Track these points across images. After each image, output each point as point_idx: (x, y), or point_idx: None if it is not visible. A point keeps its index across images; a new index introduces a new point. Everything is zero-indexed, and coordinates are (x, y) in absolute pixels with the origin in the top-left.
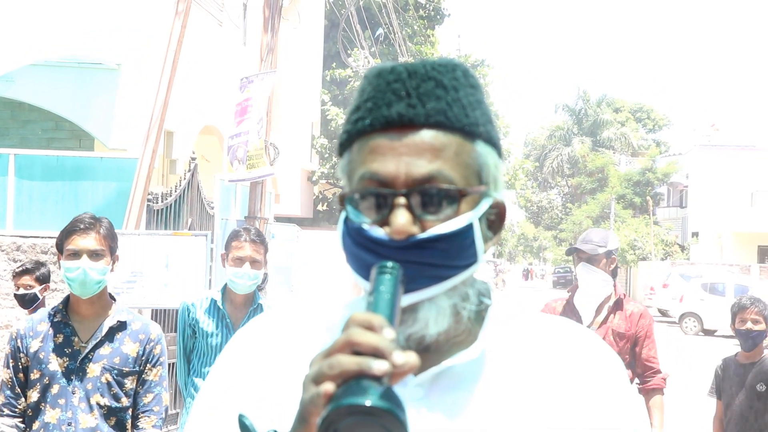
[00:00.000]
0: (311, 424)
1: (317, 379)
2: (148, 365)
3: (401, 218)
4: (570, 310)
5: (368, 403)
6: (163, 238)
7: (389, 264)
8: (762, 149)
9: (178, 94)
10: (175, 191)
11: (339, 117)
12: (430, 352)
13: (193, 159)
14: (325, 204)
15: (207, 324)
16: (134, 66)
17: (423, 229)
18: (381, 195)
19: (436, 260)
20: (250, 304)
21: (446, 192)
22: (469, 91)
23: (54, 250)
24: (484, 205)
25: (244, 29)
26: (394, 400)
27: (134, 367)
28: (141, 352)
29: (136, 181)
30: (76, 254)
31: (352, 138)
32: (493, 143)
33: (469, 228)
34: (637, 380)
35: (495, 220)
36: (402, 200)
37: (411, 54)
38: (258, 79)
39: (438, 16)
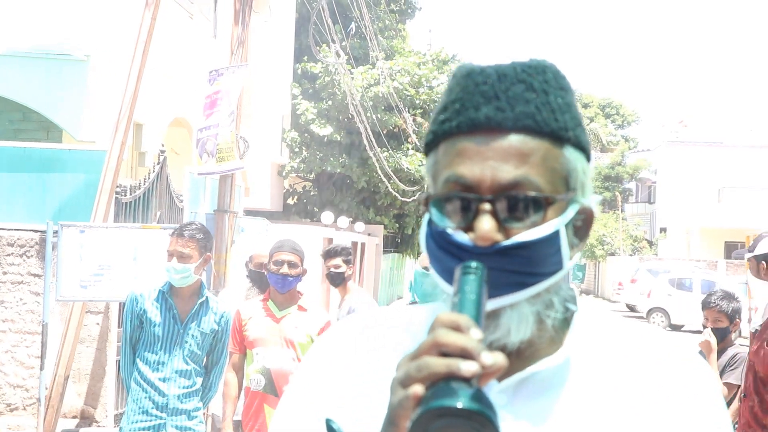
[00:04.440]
0: (401, 428)
1: (405, 381)
2: None
3: (486, 224)
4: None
5: (459, 405)
6: (132, 231)
7: (473, 264)
8: (730, 145)
9: (147, 87)
10: (144, 184)
11: (309, 111)
12: (512, 357)
13: (163, 152)
14: (295, 198)
15: (154, 314)
16: (103, 58)
17: (508, 236)
18: (466, 199)
19: (520, 267)
20: (197, 297)
21: (533, 199)
22: (559, 94)
23: (29, 243)
24: (571, 212)
25: (215, 22)
26: (485, 401)
27: None
28: None
29: (104, 174)
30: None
31: (438, 139)
32: (582, 148)
33: (555, 235)
34: None
35: (581, 226)
36: (487, 206)
37: (382, 48)
38: (228, 72)
39: (409, 10)
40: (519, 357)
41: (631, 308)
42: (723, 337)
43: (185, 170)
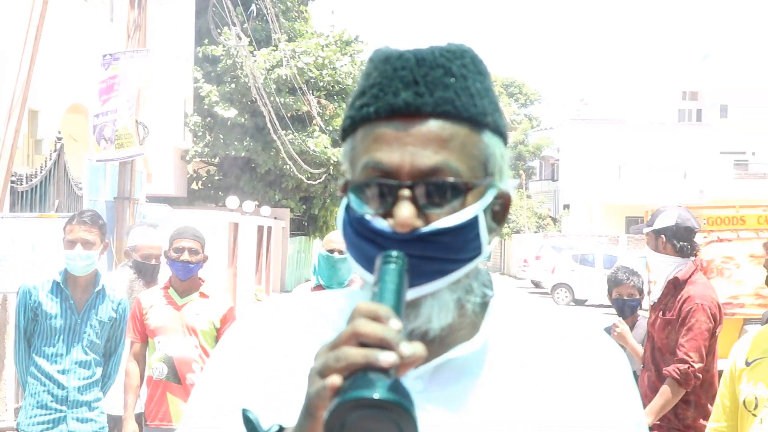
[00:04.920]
0: (318, 418)
1: (323, 371)
2: None
3: (405, 211)
4: None
5: (376, 396)
6: (29, 221)
7: (394, 253)
8: (629, 123)
9: (42, 72)
10: (41, 172)
11: (212, 94)
12: (431, 343)
13: (60, 139)
14: (200, 182)
15: (50, 306)
16: None
17: (427, 222)
18: (385, 185)
19: (439, 254)
20: (94, 286)
21: (452, 185)
22: (478, 79)
23: None
24: (489, 197)
25: (111, 5)
26: (403, 392)
27: None
28: None
29: None
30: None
31: (356, 124)
32: (500, 132)
33: (474, 221)
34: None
35: (499, 210)
36: (406, 192)
37: (284, 30)
38: (126, 57)
39: None
40: (439, 342)
41: (537, 284)
42: (634, 311)
43: (84, 157)
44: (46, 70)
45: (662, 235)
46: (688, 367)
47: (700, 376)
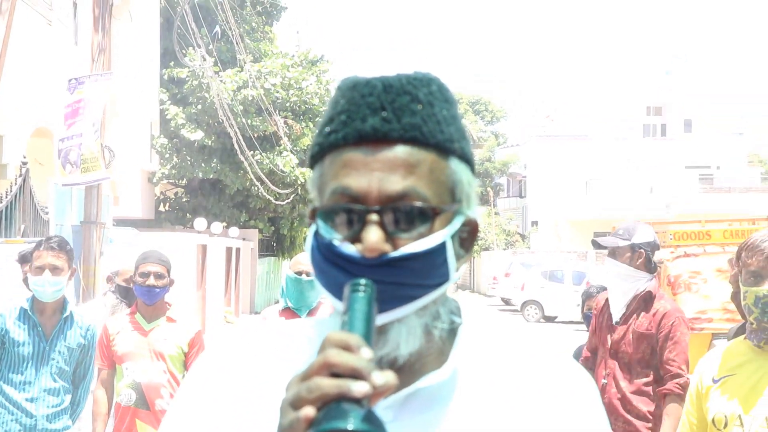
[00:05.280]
0: None
1: (296, 403)
2: None
3: (373, 236)
4: (607, 306)
5: (350, 426)
6: None
7: (363, 281)
8: (595, 138)
9: (6, 97)
10: (6, 197)
11: (178, 116)
12: (400, 372)
13: (25, 163)
14: (167, 204)
15: (18, 333)
16: None
17: (395, 247)
18: (353, 211)
19: (407, 279)
20: (61, 312)
21: (420, 210)
22: (444, 106)
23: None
24: (457, 223)
25: (75, 28)
26: (376, 422)
27: None
28: None
29: None
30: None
31: (324, 151)
32: (467, 159)
33: (441, 246)
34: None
35: (467, 237)
36: (374, 217)
37: (249, 51)
38: (90, 80)
39: (275, 11)
40: (408, 370)
41: (506, 302)
42: None
43: (50, 182)
44: (10, 94)
45: (641, 250)
46: (686, 380)
47: None
